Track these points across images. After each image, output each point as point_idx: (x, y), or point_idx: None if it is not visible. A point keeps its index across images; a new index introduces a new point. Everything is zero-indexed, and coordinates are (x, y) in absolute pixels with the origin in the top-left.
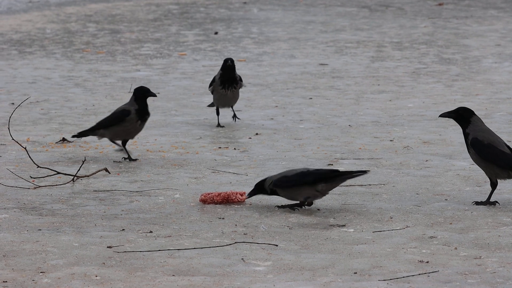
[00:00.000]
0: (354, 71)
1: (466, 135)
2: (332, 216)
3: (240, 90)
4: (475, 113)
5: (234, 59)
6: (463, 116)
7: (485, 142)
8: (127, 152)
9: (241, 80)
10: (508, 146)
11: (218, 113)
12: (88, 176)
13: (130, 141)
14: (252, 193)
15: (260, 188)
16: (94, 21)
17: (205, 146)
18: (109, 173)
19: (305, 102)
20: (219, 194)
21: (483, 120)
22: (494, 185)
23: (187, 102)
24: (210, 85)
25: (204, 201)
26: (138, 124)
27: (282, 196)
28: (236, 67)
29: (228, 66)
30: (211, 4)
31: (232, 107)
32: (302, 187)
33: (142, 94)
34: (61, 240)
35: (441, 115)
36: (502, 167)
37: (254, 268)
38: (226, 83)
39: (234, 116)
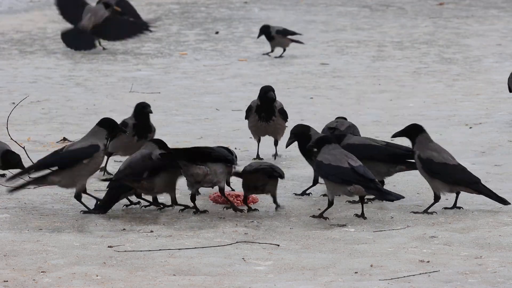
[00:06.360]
0: (355, 70)
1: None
2: (333, 216)
3: (241, 88)
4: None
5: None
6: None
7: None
8: None
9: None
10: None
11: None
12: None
13: None
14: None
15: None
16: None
17: None
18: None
19: (306, 101)
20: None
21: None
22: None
23: (187, 102)
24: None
25: (215, 200)
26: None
27: None
28: (237, 67)
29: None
30: (212, 4)
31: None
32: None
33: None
34: (62, 239)
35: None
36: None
37: (255, 267)
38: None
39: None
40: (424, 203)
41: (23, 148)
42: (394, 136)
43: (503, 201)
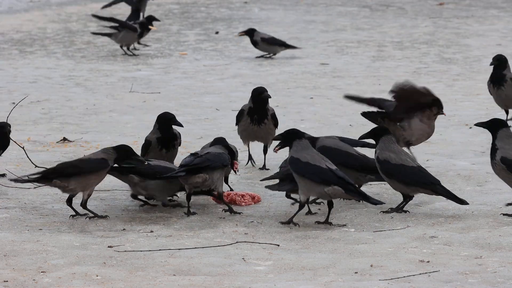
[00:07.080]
0: (355, 70)
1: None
2: (333, 216)
3: (241, 88)
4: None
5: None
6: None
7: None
8: None
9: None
10: None
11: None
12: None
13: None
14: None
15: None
16: (95, 21)
17: None
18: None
19: (306, 101)
20: (229, 194)
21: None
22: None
23: (187, 102)
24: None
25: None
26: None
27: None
28: (237, 67)
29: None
30: (212, 4)
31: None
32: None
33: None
34: (62, 239)
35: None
36: None
37: (255, 267)
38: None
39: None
40: (424, 203)
41: (23, 148)
42: (362, 137)
43: (462, 202)
